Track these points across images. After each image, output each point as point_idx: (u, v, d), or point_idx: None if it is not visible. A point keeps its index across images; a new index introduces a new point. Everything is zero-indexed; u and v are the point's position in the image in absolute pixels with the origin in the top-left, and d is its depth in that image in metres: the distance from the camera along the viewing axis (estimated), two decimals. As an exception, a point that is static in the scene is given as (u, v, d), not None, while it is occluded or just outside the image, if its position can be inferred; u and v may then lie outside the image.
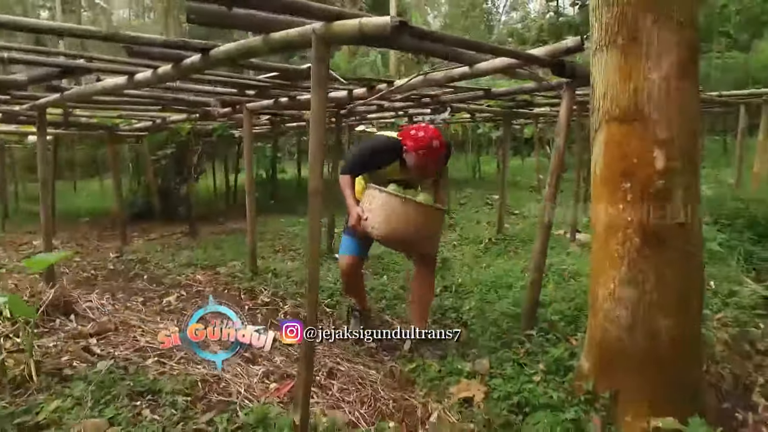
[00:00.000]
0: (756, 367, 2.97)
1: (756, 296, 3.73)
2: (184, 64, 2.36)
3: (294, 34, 1.86)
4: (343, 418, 2.15)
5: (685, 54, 2.02)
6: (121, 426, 1.99)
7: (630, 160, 2.11)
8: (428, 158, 2.70)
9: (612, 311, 2.20)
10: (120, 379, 2.35)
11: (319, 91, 1.79)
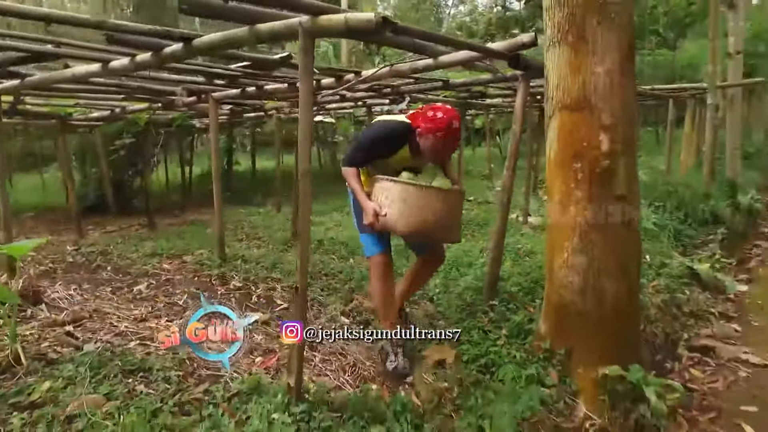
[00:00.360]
0: (682, 326, 3.41)
1: (683, 267, 4.21)
2: (165, 53, 2.43)
3: (281, 27, 2.01)
4: (329, 383, 2.33)
5: (624, 52, 2.32)
6: (118, 400, 2.09)
7: (580, 143, 2.40)
8: (447, 140, 2.47)
9: (566, 277, 2.50)
10: (108, 360, 2.42)
11: (306, 80, 1.95)
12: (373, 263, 2.70)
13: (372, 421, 2.00)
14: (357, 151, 2.67)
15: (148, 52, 2.51)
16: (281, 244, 5.23)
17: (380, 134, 2.66)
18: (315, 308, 3.51)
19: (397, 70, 3.29)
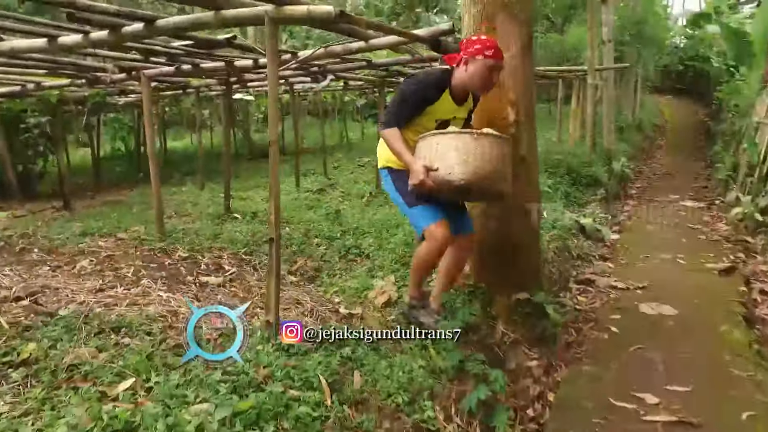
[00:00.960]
0: (571, 266, 4.21)
1: (572, 222, 5.07)
2: (126, 32, 2.58)
3: (247, 13, 2.30)
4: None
5: (525, 41, 2.90)
6: (109, 352, 2.32)
7: (492, 114, 2.96)
8: (496, 62, 2.42)
9: (483, 224, 3.08)
10: (86, 321, 2.60)
11: (272, 61, 2.27)
12: (429, 234, 2.47)
13: (339, 346, 2.43)
14: (399, 104, 2.50)
15: (104, 30, 2.64)
16: (215, 218, 5.40)
17: (422, 79, 2.56)
18: (260, 272, 3.84)
19: (332, 52, 3.65)
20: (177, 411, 1.75)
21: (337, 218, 5.22)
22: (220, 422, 1.66)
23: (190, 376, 2.02)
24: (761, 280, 4.14)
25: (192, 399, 1.85)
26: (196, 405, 1.81)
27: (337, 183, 7.94)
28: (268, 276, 2.41)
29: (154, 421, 1.67)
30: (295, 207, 5.89)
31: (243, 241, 4.34)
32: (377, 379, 2.19)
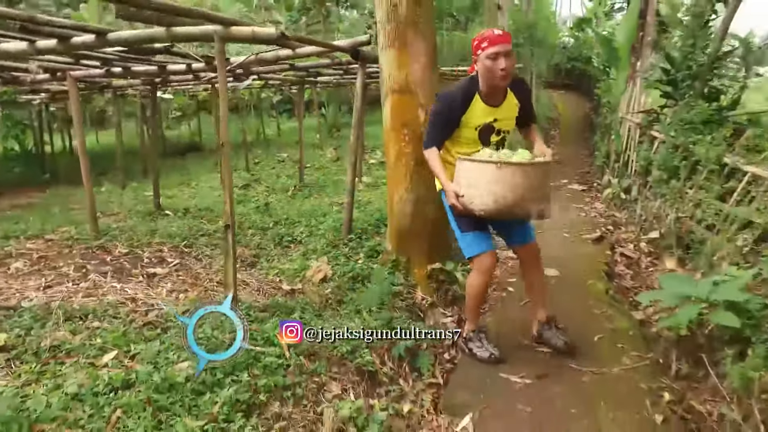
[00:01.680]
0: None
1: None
2: (75, 42, 2.80)
3: (197, 32, 2.67)
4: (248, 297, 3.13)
5: (430, 54, 3.49)
6: (83, 334, 2.59)
7: (406, 116, 3.53)
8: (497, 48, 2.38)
9: (402, 209, 3.66)
10: (50, 312, 2.83)
11: (222, 72, 2.66)
12: (476, 264, 2.60)
13: (287, 314, 2.89)
14: (431, 126, 2.59)
15: (53, 39, 2.83)
16: (146, 215, 5.54)
17: (446, 96, 2.59)
18: (204, 261, 4.15)
19: (263, 59, 4.02)
20: (165, 368, 2.13)
21: (267, 210, 5.59)
22: (209, 370, 2.08)
23: (167, 344, 2.39)
24: (622, 245, 5.14)
25: (174, 359, 2.24)
26: (180, 363, 2.20)
27: (261, 178, 8.21)
28: (226, 257, 2.81)
29: (149, 376, 2.05)
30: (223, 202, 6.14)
31: (181, 235, 4.60)
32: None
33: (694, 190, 4.53)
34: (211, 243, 4.53)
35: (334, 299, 3.29)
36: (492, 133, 2.61)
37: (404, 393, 2.55)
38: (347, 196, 4.30)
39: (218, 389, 2.03)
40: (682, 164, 4.91)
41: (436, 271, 3.63)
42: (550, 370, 2.68)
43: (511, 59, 2.42)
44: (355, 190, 4.43)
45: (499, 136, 2.64)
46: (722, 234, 3.80)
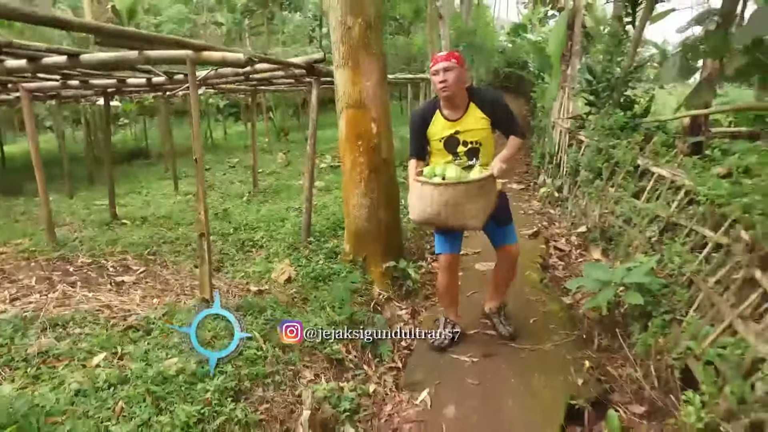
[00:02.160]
0: (425, 242, 5.34)
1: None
2: (47, 62, 2.94)
3: (169, 55, 2.89)
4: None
5: (381, 72, 3.85)
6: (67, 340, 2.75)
7: (360, 129, 3.88)
8: (435, 68, 2.73)
9: (358, 213, 4.00)
10: (31, 320, 2.96)
11: (194, 90, 2.90)
12: (438, 261, 3.11)
13: (259, 312, 3.16)
14: (410, 138, 2.98)
15: (22, 60, 2.96)
16: (102, 225, 5.57)
17: (414, 113, 3.03)
18: (171, 268, 4.32)
19: (222, 74, 4.24)
20: (156, 365, 2.37)
21: (226, 217, 5.77)
22: (197, 364, 2.34)
23: (152, 344, 2.62)
24: (555, 240, 5.72)
25: (163, 357, 2.48)
26: (168, 360, 2.45)
27: (214, 185, 8.29)
28: (201, 263, 3.05)
29: (143, 372, 2.29)
30: (180, 210, 6.26)
31: (144, 244, 4.73)
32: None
33: (614, 189, 5.14)
34: (174, 250, 4.68)
35: (299, 298, 3.58)
36: (458, 144, 2.86)
37: (368, 376, 2.90)
38: (305, 201, 4.59)
39: (207, 379, 2.30)
40: (604, 166, 5.54)
41: (391, 269, 4.00)
42: (494, 350, 3.11)
43: (451, 74, 2.71)
44: (312, 194, 4.73)
45: (467, 147, 2.86)
46: (636, 227, 4.40)
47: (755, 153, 2.83)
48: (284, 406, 2.38)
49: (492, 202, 2.73)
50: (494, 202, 2.75)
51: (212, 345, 2.59)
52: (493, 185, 2.75)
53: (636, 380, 2.76)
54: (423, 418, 2.48)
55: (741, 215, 2.59)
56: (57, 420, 1.90)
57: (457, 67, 2.74)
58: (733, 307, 2.41)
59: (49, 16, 2.28)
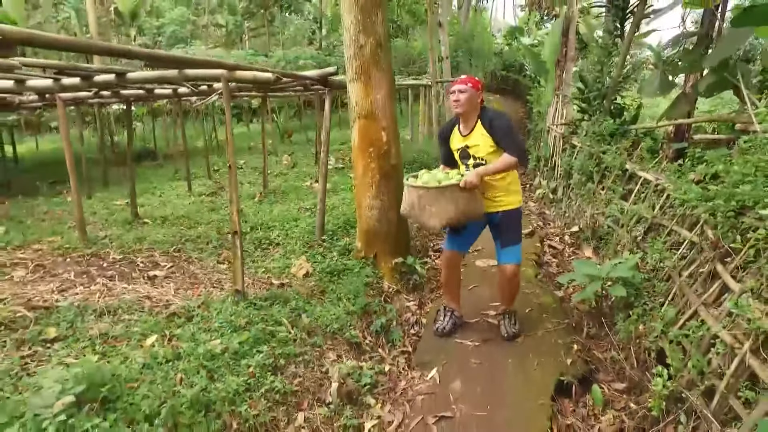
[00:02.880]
0: (429, 240, 5.73)
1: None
2: (98, 80, 3.31)
3: (206, 74, 3.27)
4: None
5: (390, 85, 4.24)
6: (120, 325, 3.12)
7: (371, 137, 4.26)
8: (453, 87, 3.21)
9: (370, 213, 4.39)
10: (83, 309, 3.33)
11: (228, 106, 3.29)
12: (442, 255, 3.60)
13: (284, 303, 3.54)
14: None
15: (76, 78, 3.33)
16: (126, 224, 5.94)
17: (439, 130, 3.57)
18: (196, 263, 4.70)
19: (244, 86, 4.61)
20: (203, 344, 2.75)
21: (241, 216, 6.13)
22: (245, 339, 2.73)
23: (196, 328, 3.00)
24: (550, 239, 6.13)
25: (208, 338, 2.86)
26: (213, 341, 2.83)
27: (225, 186, 8.65)
28: (233, 258, 3.43)
29: (193, 350, 2.67)
30: (197, 210, 6.63)
31: (168, 242, 5.10)
32: (318, 318, 3.37)
33: (604, 192, 5.55)
34: (197, 247, 5.05)
35: (317, 290, 3.97)
36: (469, 158, 3.28)
37: (383, 358, 3.29)
38: (319, 203, 4.97)
39: (249, 357, 2.68)
40: (595, 169, 5.95)
41: (399, 264, 4.39)
42: (493, 336, 3.50)
43: (463, 95, 3.16)
44: (326, 196, 5.11)
45: (475, 161, 3.24)
46: (624, 227, 4.80)
47: (722, 161, 3.22)
48: (314, 380, 2.77)
49: (461, 209, 3.00)
50: (467, 209, 3.02)
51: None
52: (461, 194, 3.00)
53: (618, 362, 3.16)
54: (433, 391, 2.87)
55: (707, 217, 2.99)
56: (134, 385, 2.27)
57: (470, 90, 3.18)
58: (698, 296, 2.81)
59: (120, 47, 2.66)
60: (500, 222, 3.32)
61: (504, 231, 3.31)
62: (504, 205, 3.30)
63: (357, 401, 2.74)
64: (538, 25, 20.07)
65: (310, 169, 10.12)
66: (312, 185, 8.40)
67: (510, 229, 3.34)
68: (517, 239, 3.37)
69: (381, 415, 2.67)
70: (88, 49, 2.60)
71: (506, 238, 3.33)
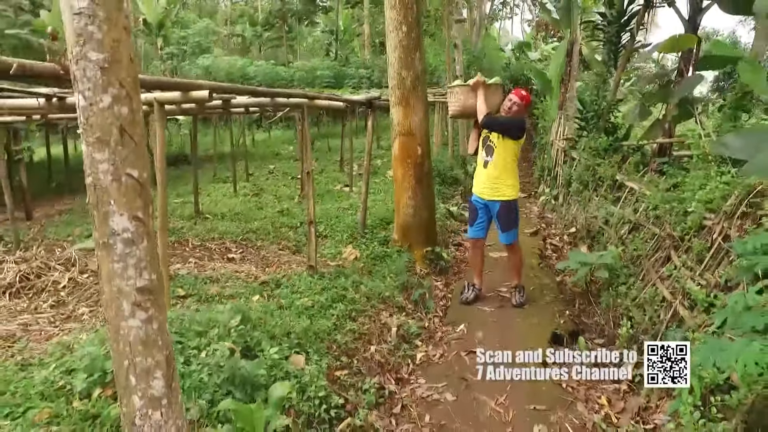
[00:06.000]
0: (449, 235, 6.80)
1: (444, 209, 7.71)
2: (209, 105, 4.41)
3: (291, 102, 4.35)
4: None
5: (425, 109, 5.32)
6: (226, 288, 4.19)
7: (408, 151, 5.34)
8: (511, 97, 4.35)
9: (406, 210, 5.46)
10: (196, 276, 4.40)
11: (305, 127, 4.37)
12: (469, 242, 4.86)
13: (346, 276, 4.59)
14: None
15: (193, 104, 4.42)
16: (191, 218, 7.03)
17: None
18: (262, 250, 5.77)
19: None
20: (296, 301, 3.82)
21: (288, 214, 7.23)
22: (325, 299, 3.79)
23: (287, 291, 4.07)
24: (551, 237, 7.18)
25: (298, 297, 3.92)
26: (302, 299, 3.89)
27: (264, 188, 9.75)
28: (309, 241, 4.51)
29: (290, 304, 3.74)
30: (248, 210, 7.72)
31: (234, 233, 6.19)
32: (371, 288, 4.43)
33: (598, 198, 6.60)
34: (259, 238, 6.14)
35: (365, 270, 5.03)
36: (486, 143, 4.44)
37: (422, 318, 4.35)
38: (362, 203, 6.05)
39: (332, 309, 3.75)
40: (590, 179, 6.99)
41: (429, 252, 5.45)
42: (505, 305, 4.56)
43: (515, 107, 4.33)
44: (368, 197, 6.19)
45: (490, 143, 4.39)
46: (612, 227, 5.84)
47: (677, 176, 4.28)
48: (376, 328, 3.83)
49: (472, 100, 4.38)
50: (471, 104, 4.39)
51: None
52: (468, 94, 4.41)
53: (600, 325, 4.21)
54: (462, 338, 3.93)
55: (665, 215, 4.04)
56: (262, 321, 3.33)
57: (521, 105, 4.33)
58: (657, 273, 3.86)
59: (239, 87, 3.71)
60: (500, 210, 4.40)
61: (502, 218, 4.43)
62: (503, 196, 4.38)
63: (409, 342, 3.80)
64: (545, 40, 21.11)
65: (337, 174, 11.21)
66: (342, 189, 9.48)
67: (508, 216, 4.44)
68: (513, 225, 4.49)
69: (427, 350, 3.73)
70: (220, 89, 3.67)
71: (504, 223, 4.45)
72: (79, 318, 3.64)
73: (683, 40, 4.97)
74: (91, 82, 1.32)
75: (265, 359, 2.68)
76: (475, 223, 4.55)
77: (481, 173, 4.47)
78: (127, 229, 1.44)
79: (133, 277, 1.47)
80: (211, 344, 2.72)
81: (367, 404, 2.89)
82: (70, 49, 1.31)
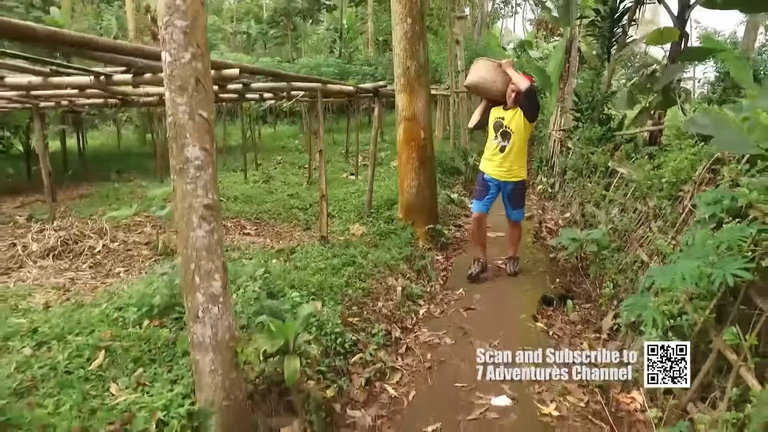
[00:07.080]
0: (450, 218, 7.19)
1: (446, 196, 8.11)
2: (230, 88, 4.81)
3: (306, 86, 4.76)
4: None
5: (427, 96, 5.72)
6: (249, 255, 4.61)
7: (412, 134, 5.74)
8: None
9: (409, 190, 5.86)
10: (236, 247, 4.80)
11: (321, 113, 4.77)
12: (472, 217, 5.02)
13: (355, 247, 4.99)
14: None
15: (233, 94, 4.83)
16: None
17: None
18: (275, 227, 6.17)
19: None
20: (310, 263, 4.22)
21: (298, 197, 7.63)
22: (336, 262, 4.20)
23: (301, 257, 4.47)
24: (546, 222, 7.57)
25: (312, 260, 4.32)
26: (316, 262, 4.29)
27: (273, 176, 10.16)
28: (320, 213, 4.91)
29: (306, 265, 4.14)
30: (259, 194, 8.12)
31: (248, 212, 6.59)
32: (378, 257, 4.83)
33: (592, 184, 6.99)
34: (272, 217, 6.55)
35: (372, 244, 5.43)
36: (501, 127, 4.72)
37: (424, 285, 4.76)
38: (369, 185, 6.45)
39: (343, 270, 4.15)
40: (584, 167, 7.38)
41: (431, 229, 5.85)
42: (502, 274, 4.96)
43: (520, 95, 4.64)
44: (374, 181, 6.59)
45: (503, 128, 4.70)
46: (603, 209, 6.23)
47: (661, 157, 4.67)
48: (383, 289, 4.24)
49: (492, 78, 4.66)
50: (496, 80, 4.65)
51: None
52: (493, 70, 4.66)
53: (587, 292, 4.61)
54: (461, 299, 4.33)
55: (648, 192, 4.43)
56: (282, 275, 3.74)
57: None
58: (639, 244, 4.25)
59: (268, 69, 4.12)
60: (513, 190, 4.80)
61: (514, 197, 4.83)
62: (516, 177, 4.77)
63: (413, 300, 4.20)
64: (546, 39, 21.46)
65: (342, 165, 11.62)
66: (348, 177, 9.89)
67: (518, 196, 4.86)
68: (522, 204, 4.92)
69: (429, 308, 4.13)
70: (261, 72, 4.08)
71: (515, 202, 4.88)
72: (117, 275, 4.05)
73: (667, 33, 5.36)
74: (176, 43, 1.73)
75: (288, 299, 3.09)
76: (484, 198, 4.84)
77: (497, 157, 4.73)
78: (198, 157, 1.85)
79: (201, 196, 1.89)
80: (240, 288, 3.13)
81: (377, 344, 3.29)
82: (160, 18, 1.72)
